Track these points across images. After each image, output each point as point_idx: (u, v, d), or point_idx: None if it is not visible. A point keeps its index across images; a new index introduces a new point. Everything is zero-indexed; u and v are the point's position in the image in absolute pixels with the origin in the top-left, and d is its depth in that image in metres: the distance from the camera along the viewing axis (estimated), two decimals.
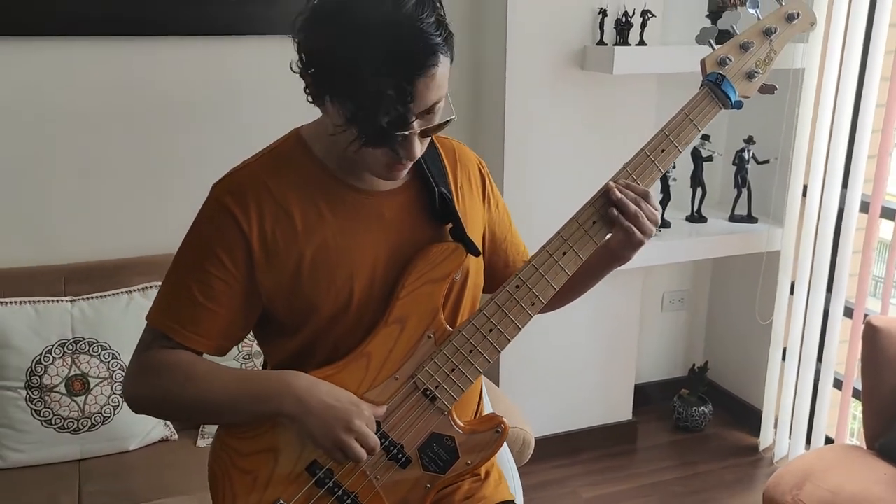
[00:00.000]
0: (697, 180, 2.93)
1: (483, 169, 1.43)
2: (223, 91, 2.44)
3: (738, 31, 1.35)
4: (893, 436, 2.16)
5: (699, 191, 2.94)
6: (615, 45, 2.52)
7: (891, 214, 2.58)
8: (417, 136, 1.14)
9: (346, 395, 1.21)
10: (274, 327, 1.29)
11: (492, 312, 1.26)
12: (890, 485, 2.01)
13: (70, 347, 2.12)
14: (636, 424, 3.11)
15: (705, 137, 2.90)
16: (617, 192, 1.26)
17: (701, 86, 1.33)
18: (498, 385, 2.73)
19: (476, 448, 1.28)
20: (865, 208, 2.60)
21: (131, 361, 1.27)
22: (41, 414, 2.09)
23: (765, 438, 3.04)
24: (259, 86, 2.46)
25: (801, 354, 2.83)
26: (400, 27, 1.06)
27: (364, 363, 1.24)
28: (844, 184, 2.63)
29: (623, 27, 2.53)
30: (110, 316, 2.17)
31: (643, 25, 2.55)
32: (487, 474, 1.43)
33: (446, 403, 1.25)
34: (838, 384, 2.77)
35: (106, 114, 2.34)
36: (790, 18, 1.34)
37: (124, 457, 2.16)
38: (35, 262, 2.28)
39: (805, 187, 2.75)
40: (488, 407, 1.48)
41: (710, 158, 2.93)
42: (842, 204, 2.64)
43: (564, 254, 1.27)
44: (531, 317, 1.27)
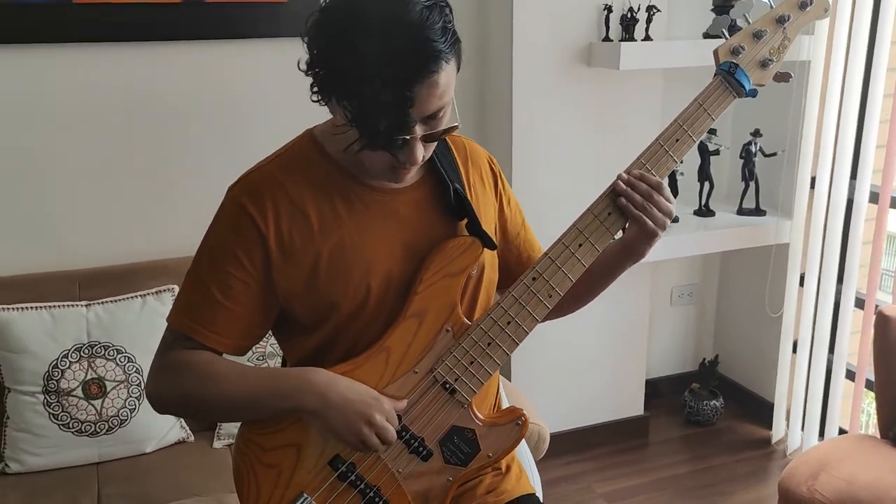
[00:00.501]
0: (705, 174, 2.93)
1: (494, 166, 1.44)
2: (235, 95, 2.45)
3: (751, 20, 1.35)
4: None
5: (707, 185, 2.95)
6: (621, 41, 2.53)
7: None
8: (420, 142, 1.15)
9: (366, 390, 1.22)
10: (292, 326, 1.30)
11: (509, 305, 1.27)
12: None
13: (86, 351, 2.13)
14: (648, 419, 3.11)
15: (712, 131, 2.90)
16: (622, 183, 1.27)
17: (714, 75, 1.33)
18: (510, 382, 2.73)
19: (497, 441, 1.29)
20: (875, 199, 2.60)
21: (153, 362, 1.28)
22: (59, 418, 2.10)
23: (777, 431, 3.04)
24: (269, 89, 2.47)
25: (813, 346, 2.83)
26: (404, 32, 1.07)
27: (383, 358, 1.25)
28: (853, 175, 2.63)
29: (628, 23, 2.53)
30: (125, 320, 2.18)
31: (649, 20, 2.56)
32: (508, 468, 1.44)
33: (466, 396, 1.26)
34: (851, 375, 2.77)
35: (118, 119, 2.36)
36: (803, 6, 1.34)
37: (141, 459, 2.17)
38: (49, 268, 2.29)
39: (813, 179, 2.75)
40: (505, 401, 1.49)
41: (717, 152, 2.93)
42: (851, 195, 2.64)
43: (580, 245, 1.28)
44: (549, 308, 1.28)
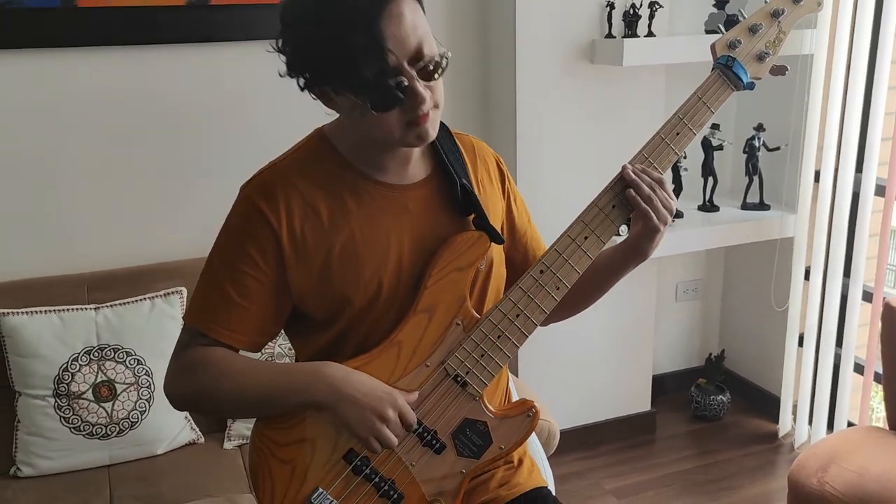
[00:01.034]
0: (708, 169, 2.93)
1: (501, 164, 1.45)
2: (240, 96, 2.46)
3: (747, 15, 1.37)
4: None
5: (710, 180, 2.95)
6: (624, 38, 2.53)
7: None
8: (419, 82, 1.15)
9: (379, 384, 1.23)
10: (304, 323, 1.31)
11: (518, 297, 1.28)
12: None
13: (96, 354, 2.14)
14: (655, 415, 3.12)
15: (715, 126, 2.91)
16: (631, 173, 1.29)
17: (712, 69, 1.35)
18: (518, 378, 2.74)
19: (508, 432, 1.30)
20: (881, 192, 2.60)
21: (171, 360, 1.30)
22: (70, 421, 2.11)
23: (784, 425, 3.04)
24: (275, 90, 2.43)
25: (819, 340, 2.83)
26: None
27: (395, 352, 1.26)
28: (858, 168, 2.63)
29: (631, 19, 2.54)
30: (134, 322, 2.19)
31: (651, 17, 2.57)
32: (521, 462, 1.45)
33: (477, 389, 1.27)
34: (859, 369, 2.78)
35: (124, 122, 2.37)
36: (796, 0, 1.36)
37: (153, 461, 2.18)
38: (57, 271, 2.30)
39: (817, 173, 2.75)
40: (515, 394, 1.50)
41: (721, 147, 2.93)
42: (856, 188, 2.64)
43: (586, 238, 1.29)
44: (556, 301, 1.29)
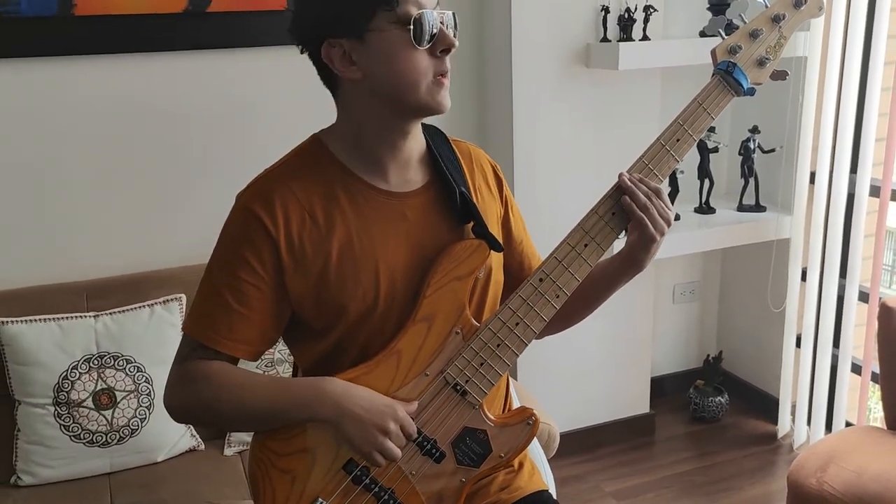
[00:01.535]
0: (704, 172, 2.95)
1: (499, 172, 1.46)
2: (238, 103, 2.46)
3: (747, 20, 1.37)
4: None
5: (706, 182, 2.96)
6: (619, 42, 2.54)
7: None
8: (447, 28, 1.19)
9: (379, 398, 1.23)
10: (303, 330, 1.31)
11: (517, 306, 1.28)
12: None
13: (95, 362, 2.14)
14: (654, 417, 3.12)
15: (711, 129, 2.92)
16: (627, 181, 1.29)
17: (712, 75, 1.35)
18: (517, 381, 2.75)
19: (508, 441, 1.30)
20: (876, 192, 2.62)
21: (171, 371, 1.30)
22: (70, 429, 2.11)
23: (782, 426, 3.05)
24: (272, 96, 2.48)
25: (817, 340, 2.84)
26: None
27: (394, 362, 1.26)
28: (853, 169, 2.64)
29: (626, 23, 2.55)
30: (133, 330, 2.19)
31: (646, 20, 2.58)
32: (521, 465, 1.45)
33: (477, 397, 1.27)
34: (856, 369, 2.79)
35: (122, 130, 2.37)
36: (798, 4, 1.36)
37: (153, 468, 2.18)
38: (56, 280, 2.30)
39: (812, 174, 2.76)
40: (516, 401, 1.50)
41: (717, 150, 2.95)
42: (851, 189, 2.65)
43: (586, 245, 1.30)
44: (556, 309, 1.29)
